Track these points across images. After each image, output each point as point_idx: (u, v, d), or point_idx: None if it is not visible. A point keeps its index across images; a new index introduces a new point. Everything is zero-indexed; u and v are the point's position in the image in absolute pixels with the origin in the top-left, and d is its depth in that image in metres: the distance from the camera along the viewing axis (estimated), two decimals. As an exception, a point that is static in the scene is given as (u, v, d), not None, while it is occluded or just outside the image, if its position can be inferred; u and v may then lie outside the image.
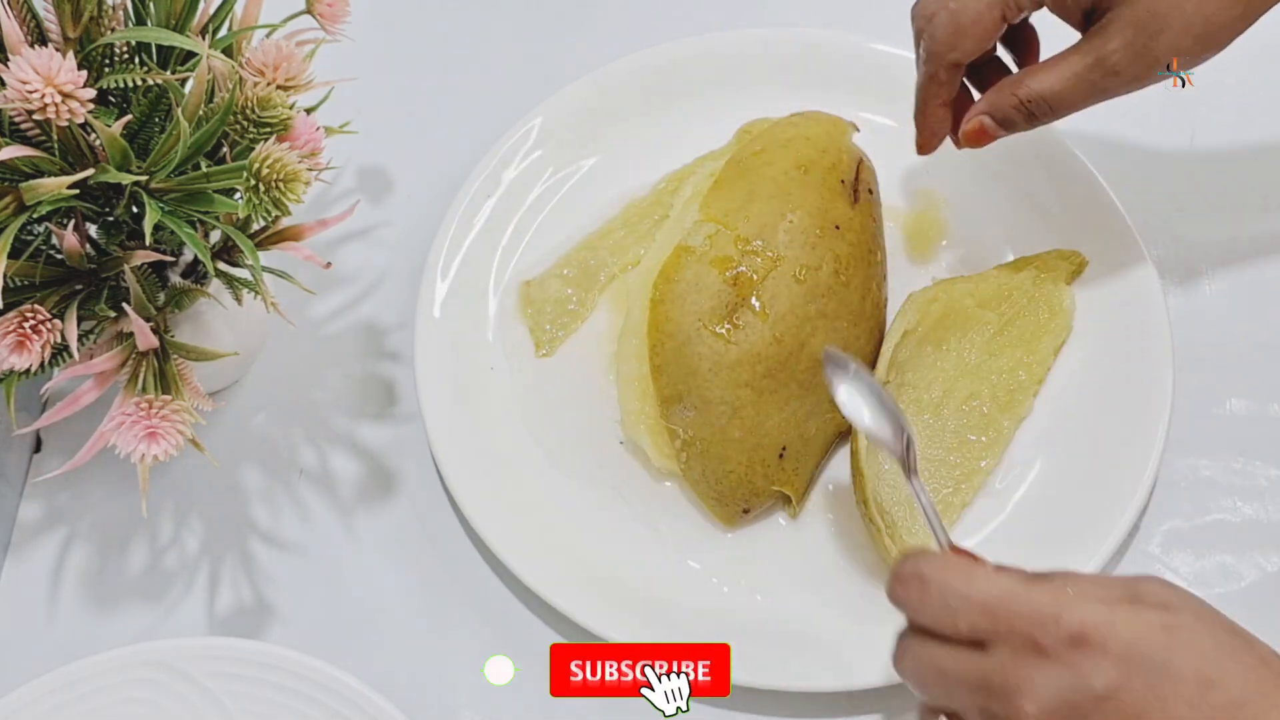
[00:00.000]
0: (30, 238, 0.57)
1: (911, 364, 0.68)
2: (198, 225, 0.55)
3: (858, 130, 0.71)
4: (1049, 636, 0.44)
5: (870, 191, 0.68)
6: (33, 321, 0.53)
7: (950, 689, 0.47)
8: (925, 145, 0.66)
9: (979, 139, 0.64)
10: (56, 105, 0.49)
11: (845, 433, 0.67)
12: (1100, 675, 0.43)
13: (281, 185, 0.51)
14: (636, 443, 0.67)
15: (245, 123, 0.54)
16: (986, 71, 0.65)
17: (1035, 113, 0.61)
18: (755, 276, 0.64)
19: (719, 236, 0.65)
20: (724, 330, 0.63)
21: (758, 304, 0.63)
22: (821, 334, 0.64)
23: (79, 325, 0.55)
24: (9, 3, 0.54)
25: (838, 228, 0.65)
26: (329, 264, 0.61)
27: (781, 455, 0.64)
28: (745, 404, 0.63)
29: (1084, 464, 0.66)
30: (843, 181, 0.67)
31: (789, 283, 0.64)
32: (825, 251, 0.65)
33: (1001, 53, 0.66)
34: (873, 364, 0.67)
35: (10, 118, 0.52)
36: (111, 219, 0.57)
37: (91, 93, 0.50)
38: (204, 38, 0.59)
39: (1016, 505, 0.66)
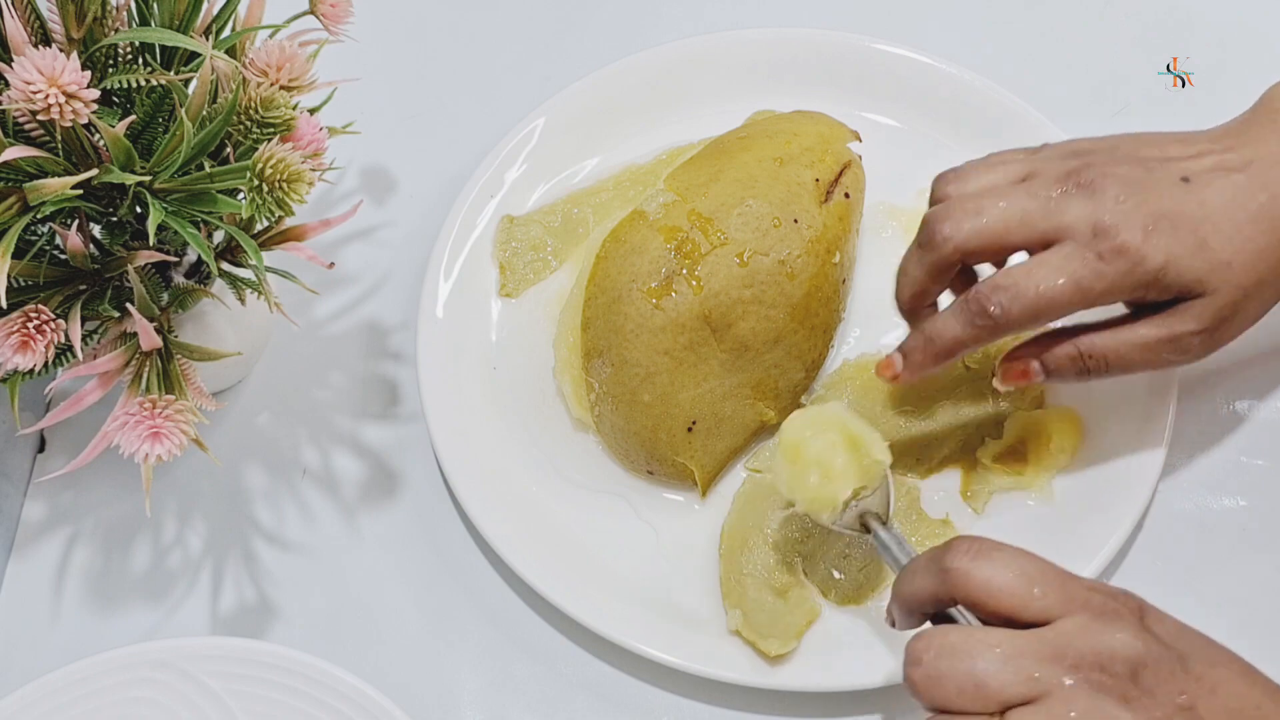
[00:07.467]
0: (34, 238, 0.57)
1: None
2: (201, 226, 0.55)
3: (859, 140, 0.71)
4: (1121, 605, 0.48)
5: (847, 196, 0.68)
6: (36, 322, 0.53)
7: (1013, 665, 0.46)
8: (913, 371, 0.62)
9: (1020, 379, 0.61)
10: (60, 106, 0.49)
11: (770, 426, 0.67)
12: (1167, 637, 0.47)
13: (285, 186, 0.51)
14: (561, 390, 0.68)
15: (248, 123, 0.55)
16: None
17: (1090, 368, 0.60)
18: (698, 250, 0.64)
19: (674, 206, 0.66)
20: (655, 295, 0.63)
21: (694, 277, 0.64)
22: (753, 319, 0.64)
23: (82, 325, 0.55)
24: (13, 3, 0.54)
25: (796, 221, 0.65)
26: (332, 264, 0.62)
27: (690, 429, 0.65)
28: (660, 371, 0.64)
29: (1087, 463, 0.66)
30: (817, 180, 0.67)
31: (730, 263, 0.64)
32: (776, 241, 0.65)
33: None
34: (819, 366, 0.67)
35: (14, 118, 0.52)
36: (115, 219, 0.57)
37: (95, 93, 0.50)
38: (207, 38, 0.59)
39: (1019, 505, 0.66)
